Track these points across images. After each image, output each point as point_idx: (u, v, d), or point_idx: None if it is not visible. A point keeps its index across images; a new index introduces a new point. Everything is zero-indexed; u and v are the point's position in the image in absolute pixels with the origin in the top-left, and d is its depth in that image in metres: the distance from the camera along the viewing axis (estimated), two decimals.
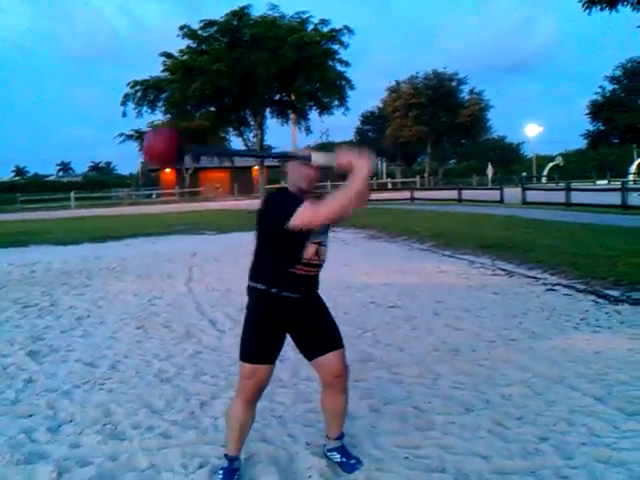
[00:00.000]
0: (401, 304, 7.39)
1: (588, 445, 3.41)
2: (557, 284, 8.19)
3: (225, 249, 14.39)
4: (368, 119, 72.36)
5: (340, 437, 3.36)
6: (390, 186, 55.13)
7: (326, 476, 3.20)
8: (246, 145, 29.64)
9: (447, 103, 57.18)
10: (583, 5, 9.80)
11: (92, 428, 3.94)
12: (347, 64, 27.01)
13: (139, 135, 49.54)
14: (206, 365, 5.27)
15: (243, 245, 14.94)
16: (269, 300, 3.01)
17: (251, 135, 29.93)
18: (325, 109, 28.28)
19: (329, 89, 27.21)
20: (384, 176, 65.37)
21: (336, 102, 28.17)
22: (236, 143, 37.47)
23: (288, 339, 3.17)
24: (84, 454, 3.53)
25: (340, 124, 58.76)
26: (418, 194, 34.87)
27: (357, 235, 16.42)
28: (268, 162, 37.96)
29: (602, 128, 62.09)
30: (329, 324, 3.21)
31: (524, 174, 58.57)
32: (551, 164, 69.37)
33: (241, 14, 25.32)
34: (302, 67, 25.24)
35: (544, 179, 61.76)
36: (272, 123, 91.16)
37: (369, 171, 2.71)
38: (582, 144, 71.92)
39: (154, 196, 57.28)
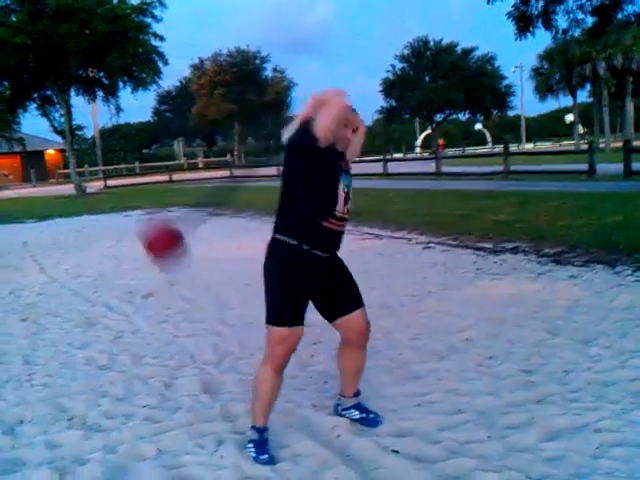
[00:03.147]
0: None
1: (572, 372, 3.72)
2: (429, 242, 8.69)
3: (59, 235, 13.37)
4: (165, 99, 70.12)
5: (356, 394, 3.32)
6: (201, 165, 54.31)
7: (355, 432, 3.16)
8: (52, 126, 27.40)
9: (253, 81, 57.39)
10: None
11: (58, 425, 3.50)
12: (162, 39, 25.97)
13: None
14: (137, 348, 4.90)
15: (78, 230, 14.07)
16: (301, 257, 2.87)
17: (57, 115, 27.72)
18: (140, 85, 27.01)
19: (143, 64, 26.03)
20: (181, 157, 63.60)
21: (150, 78, 27.00)
22: (41, 123, 34.28)
23: None
24: (74, 452, 3.13)
25: (132, 104, 55.69)
26: (236, 172, 34.80)
27: (198, 212, 16.01)
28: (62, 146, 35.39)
29: (394, 105, 66.28)
30: (351, 282, 3.14)
31: None
32: None
33: None
34: (115, 41, 23.83)
35: None
36: (78, 102, 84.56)
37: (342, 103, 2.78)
38: (369, 121, 76.15)
39: None
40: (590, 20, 10.45)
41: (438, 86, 59.29)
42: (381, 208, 12.49)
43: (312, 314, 3.08)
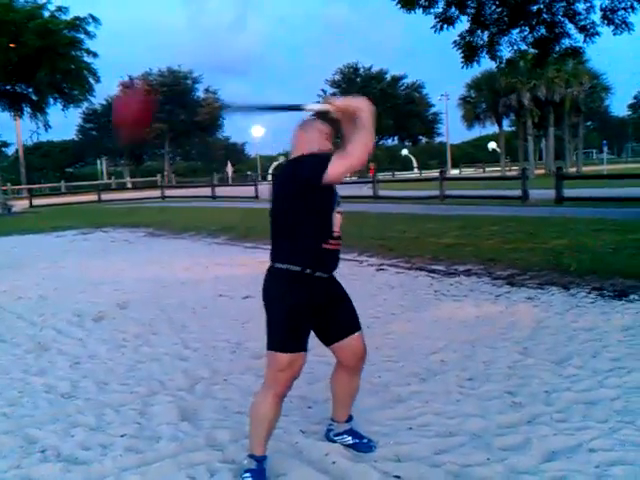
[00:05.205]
0: (255, 294, 7.24)
1: (553, 392, 3.77)
2: (382, 264, 8.74)
3: None
4: (90, 117, 68.37)
5: (349, 419, 3.25)
6: (130, 185, 53.16)
7: (351, 458, 3.08)
8: None
9: (184, 101, 56.92)
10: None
11: (31, 458, 3.26)
12: (95, 55, 25.40)
13: None
14: (99, 375, 4.65)
15: (8, 251, 13.46)
16: (304, 282, 2.81)
17: None
18: (71, 102, 26.25)
19: (75, 81, 25.33)
20: (104, 177, 62.11)
21: (82, 95, 26.31)
22: None
23: None
24: None
25: (54, 121, 53.32)
26: (169, 192, 34.29)
27: (135, 234, 15.65)
28: None
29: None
30: (350, 305, 3.09)
31: (249, 172, 59.66)
32: (275, 163, 72.64)
33: None
34: (46, 56, 23.10)
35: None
36: (2, 117, 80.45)
37: (369, 106, 2.74)
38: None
39: None
40: (532, 51, 10.90)
41: None
42: None
43: None
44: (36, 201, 32.60)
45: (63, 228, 17.56)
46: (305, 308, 2.83)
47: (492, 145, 64.51)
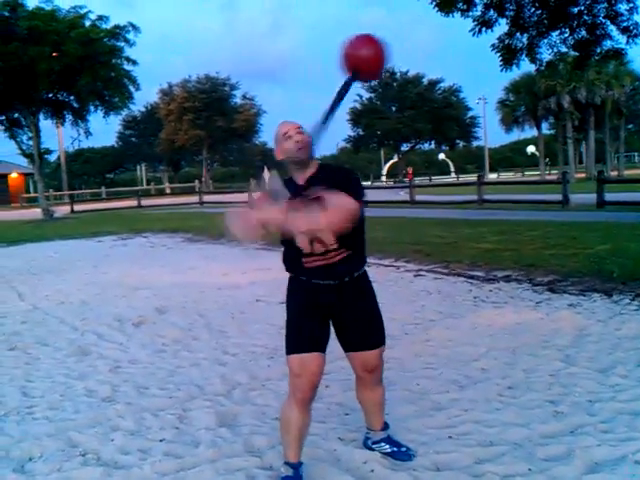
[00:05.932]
0: None
1: (597, 402, 3.68)
2: (419, 270, 8.67)
3: (32, 261, 12.99)
4: (130, 124, 69.63)
5: (385, 427, 3.21)
6: (168, 191, 53.90)
7: (389, 467, 3.05)
8: (20, 149, 26.95)
9: (222, 107, 57.49)
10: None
11: (72, 462, 3.30)
12: (134, 63, 25.85)
13: None
14: (139, 379, 4.70)
15: (50, 256, 13.72)
16: (303, 286, 2.83)
17: (25, 138, 27.22)
18: (112, 109, 26.76)
19: (116, 88, 25.82)
20: (143, 182, 63.12)
21: (122, 102, 26.80)
22: (8, 146, 33.52)
23: None
24: None
25: (95, 128, 54.54)
26: (207, 197, 34.67)
27: (174, 239, 15.84)
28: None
29: (362, 133, 67.08)
30: (371, 316, 2.95)
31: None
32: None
33: (14, 4, 22.89)
34: (87, 64, 23.60)
35: None
36: (45, 125, 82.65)
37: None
38: (334, 150, 76.67)
39: None
40: (572, 54, 10.72)
41: (405, 116, 60.24)
42: None
43: None
44: (77, 207, 33.36)
45: (103, 233, 17.90)
46: (306, 309, 2.82)
47: (531, 149, 63.70)
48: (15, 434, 3.74)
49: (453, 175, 67.41)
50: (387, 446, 3.18)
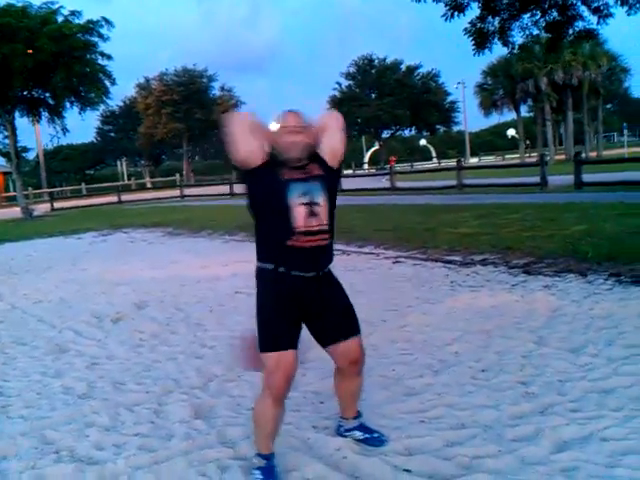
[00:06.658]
0: None
1: (567, 381, 3.73)
2: (398, 256, 8.71)
3: (10, 260, 12.89)
4: (109, 119, 68.92)
5: (358, 416, 3.24)
6: (149, 185, 53.54)
7: (361, 453, 3.08)
8: None
9: (200, 99, 57.13)
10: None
11: (46, 459, 3.30)
12: (109, 57, 25.55)
13: None
14: (116, 375, 4.70)
15: (30, 254, 13.61)
16: (280, 281, 2.79)
17: (0, 137, 26.93)
18: (88, 105, 26.49)
19: (91, 84, 25.54)
20: (124, 178, 62.50)
21: (98, 98, 26.52)
22: None
23: None
24: None
25: (73, 125, 53.68)
26: (188, 191, 34.50)
27: (154, 234, 15.76)
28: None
29: None
30: (346, 306, 3.01)
31: None
32: None
33: None
34: (61, 60, 23.31)
35: None
36: (22, 123, 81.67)
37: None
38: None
39: None
40: (544, 36, 10.76)
41: (384, 103, 60.18)
42: (342, 224, 12.41)
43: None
44: (57, 204, 33.01)
45: (83, 230, 17.75)
46: (285, 306, 2.80)
47: (511, 132, 63.97)
48: None
49: (435, 161, 67.54)
50: (359, 433, 3.21)
